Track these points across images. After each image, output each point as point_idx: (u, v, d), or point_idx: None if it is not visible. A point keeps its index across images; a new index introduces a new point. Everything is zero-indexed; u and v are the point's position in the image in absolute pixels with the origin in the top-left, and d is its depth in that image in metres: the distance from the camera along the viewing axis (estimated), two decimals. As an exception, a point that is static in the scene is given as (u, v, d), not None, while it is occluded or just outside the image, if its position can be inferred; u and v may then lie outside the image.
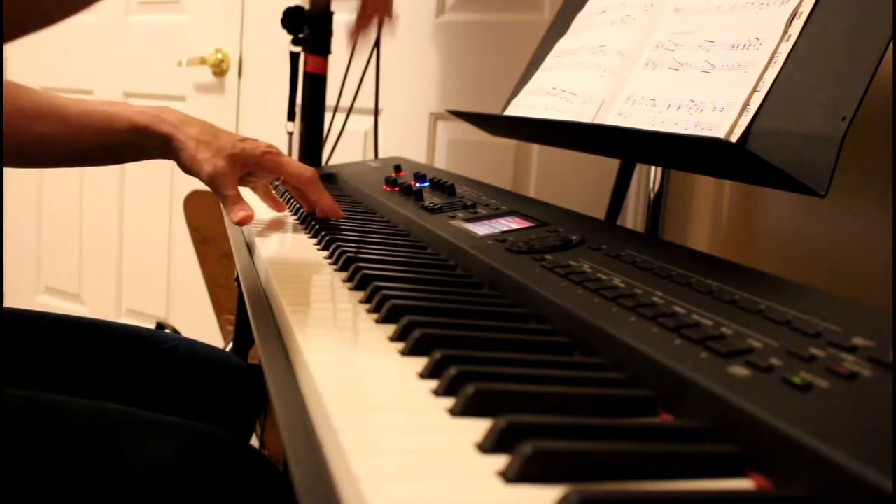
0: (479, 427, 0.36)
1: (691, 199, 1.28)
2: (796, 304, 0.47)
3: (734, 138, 0.69)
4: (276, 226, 0.92)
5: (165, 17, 2.23)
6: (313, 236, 0.83)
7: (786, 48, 0.70)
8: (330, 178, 1.29)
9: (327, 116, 1.54)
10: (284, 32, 1.48)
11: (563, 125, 0.89)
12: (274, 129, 1.77)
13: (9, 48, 2.43)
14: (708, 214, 1.26)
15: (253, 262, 0.76)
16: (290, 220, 0.96)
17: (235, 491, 0.69)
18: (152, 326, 1.80)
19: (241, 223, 0.80)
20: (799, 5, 0.71)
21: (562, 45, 1.05)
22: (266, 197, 0.99)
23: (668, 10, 0.87)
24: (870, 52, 0.62)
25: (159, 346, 0.98)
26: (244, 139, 0.85)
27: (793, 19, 0.71)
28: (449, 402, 0.39)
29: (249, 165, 0.85)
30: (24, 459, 0.62)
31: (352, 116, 1.57)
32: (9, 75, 2.76)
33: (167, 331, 1.77)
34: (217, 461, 0.70)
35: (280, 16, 1.46)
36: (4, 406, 0.66)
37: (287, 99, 1.55)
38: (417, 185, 1.02)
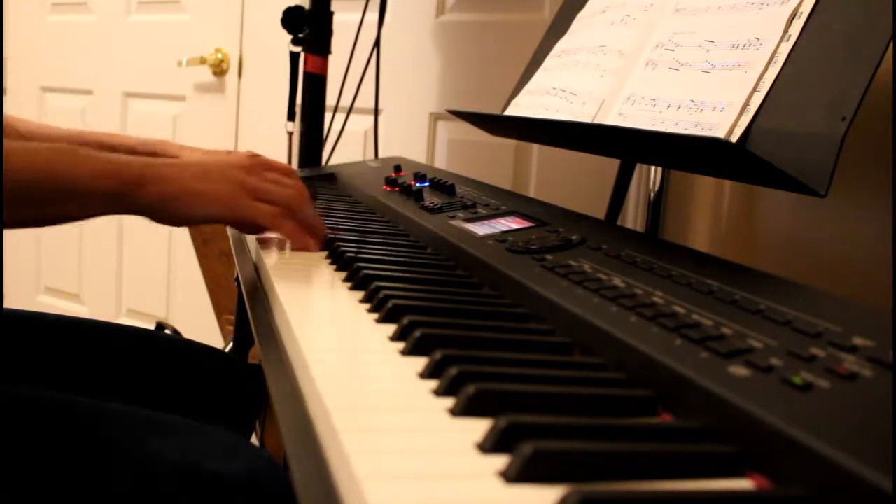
0: (479, 427, 0.36)
1: (691, 199, 1.28)
2: (796, 304, 0.46)
3: (734, 138, 0.69)
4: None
5: (165, 17, 2.23)
6: (313, 236, 0.83)
7: (786, 48, 0.70)
8: (330, 178, 1.29)
9: (327, 116, 1.54)
10: (284, 32, 1.48)
11: (563, 125, 0.89)
12: (274, 129, 1.77)
13: (8, 49, 2.43)
14: (708, 214, 1.26)
15: (253, 262, 0.76)
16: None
17: (237, 489, 0.69)
18: (152, 326, 1.79)
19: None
20: (799, 5, 0.71)
21: (562, 45, 1.05)
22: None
23: (669, 10, 0.87)
24: (870, 52, 0.62)
25: (159, 346, 0.98)
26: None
27: (793, 19, 0.71)
28: (449, 401, 0.39)
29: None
30: (28, 456, 0.62)
31: (352, 116, 1.57)
32: (10, 76, 2.75)
33: (167, 331, 1.78)
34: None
35: (280, 16, 1.46)
36: (4, 404, 0.66)
37: (287, 99, 1.55)
38: (417, 185, 1.02)
